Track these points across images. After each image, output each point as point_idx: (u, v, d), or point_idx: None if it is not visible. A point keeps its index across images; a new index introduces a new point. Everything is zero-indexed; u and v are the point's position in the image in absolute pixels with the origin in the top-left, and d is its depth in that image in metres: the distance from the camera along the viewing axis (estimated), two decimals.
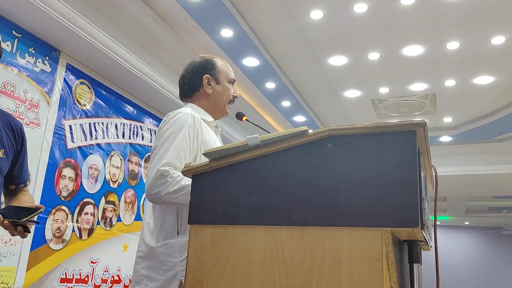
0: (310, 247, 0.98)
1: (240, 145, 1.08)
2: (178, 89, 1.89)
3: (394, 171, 0.95)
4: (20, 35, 3.19)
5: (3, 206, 1.63)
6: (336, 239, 0.96)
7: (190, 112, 1.65)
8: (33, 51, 3.28)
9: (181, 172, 1.17)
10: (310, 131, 1.05)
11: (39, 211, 1.49)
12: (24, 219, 1.45)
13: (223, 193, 1.09)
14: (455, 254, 12.79)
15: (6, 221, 1.44)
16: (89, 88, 3.83)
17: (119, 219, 4.06)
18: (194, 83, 1.81)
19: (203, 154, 1.16)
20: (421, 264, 1.13)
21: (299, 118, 6.03)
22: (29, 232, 1.51)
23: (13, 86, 3.08)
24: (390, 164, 0.96)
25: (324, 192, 0.99)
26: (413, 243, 1.11)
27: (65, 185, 3.50)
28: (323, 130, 1.03)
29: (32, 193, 3.15)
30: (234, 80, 1.88)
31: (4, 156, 1.56)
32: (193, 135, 1.61)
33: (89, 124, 3.79)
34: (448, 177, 7.06)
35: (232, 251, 1.04)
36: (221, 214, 1.07)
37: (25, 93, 3.18)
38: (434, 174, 1.30)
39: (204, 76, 1.80)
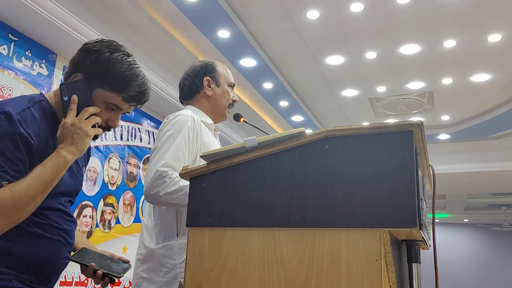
0: (309, 248, 0.98)
1: (237, 147, 1.08)
2: (178, 92, 1.89)
3: (392, 171, 0.95)
4: (17, 38, 3.19)
5: None
6: (334, 240, 0.96)
7: (190, 114, 1.66)
8: (29, 54, 3.27)
9: (179, 174, 1.17)
10: (309, 130, 1.06)
11: (130, 267, 1.38)
12: (121, 275, 1.33)
13: (221, 196, 1.09)
14: (454, 251, 12.81)
15: (100, 271, 1.31)
16: None
17: (117, 221, 4.05)
18: (194, 84, 1.82)
19: (200, 156, 1.17)
20: (419, 263, 1.13)
21: (297, 118, 6.04)
22: (113, 283, 1.37)
23: (10, 90, 3.08)
24: (387, 164, 0.96)
25: (322, 193, 1.00)
26: (411, 243, 1.11)
27: None
28: (320, 131, 1.03)
29: None
30: (234, 85, 1.89)
31: (81, 176, 1.46)
32: (192, 137, 1.61)
33: None
34: (447, 174, 7.07)
35: (231, 254, 1.04)
36: (219, 217, 1.07)
37: None
38: (432, 173, 1.31)
39: (205, 78, 1.81)
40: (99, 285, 1.33)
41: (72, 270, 3.46)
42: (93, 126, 1.24)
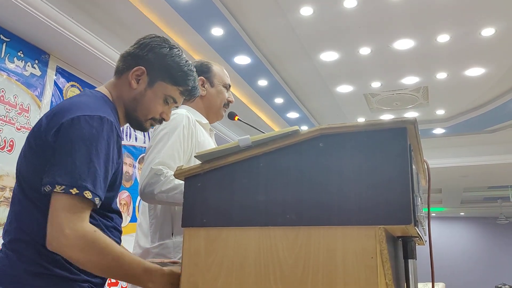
0: (305, 247, 0.97)
1: (231, 147, 1.08)
2: None
3: (386, 168, 0.95)
4: (8, 39, 3.16)
5: None
6: (330, 238, 0.96)
7: (185, 113, 1.65)
8: (22, 55, 3.25)
9: (174, 175, 1.16)
10: (305, 126, 1.05)
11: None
12: None
13: (216, 195, 1.09)
14: (451, 245, 12.88)
15: None
16: (80, 91, 3.81)
17: None
18: None
19: (194, 156, 1.16)
20: (415, 259, 1.13)
21: (292, 115, 6.04)
22: None
23: (2, 91, 3.06)
24: (381, 161, 0.96)
25: (317, 192, 0.99)
26: (407, 239, 1.11)
27: None
28: (314, 129, 1.02)
29: None
30: (230, 86, 1.88)
31: None
32: (187, 136, 1.61)
33: None
34: (442, 168, 7.10)
35: (227, 253, 1.03)
36: (214, 216, 1.07)
37: (15, 97, 3.15)
38: (426, 169, 1.31)
39: (199, 78, 1.81)
40: None
41: None
42: None
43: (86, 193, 1.03)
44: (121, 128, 1.31)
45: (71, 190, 1.02)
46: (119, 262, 1.07)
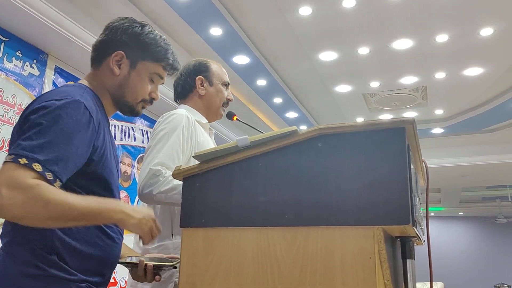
0: (303, 247, 0.97)
1: (230, 147, 1.08)
2: (172, 91, 1.89)
3: (384, 168, 0.95)
4: (7, 39, 3.16)
5: None
6: (328, 238, 0.96)
7: (184, 113, 1.65)
8: (20, 55, 3.24)
9: (172, 175, 1.16)
10: (304, 126, 1.05)
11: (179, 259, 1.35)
12: (174, 264, 1.26)
13: (215, 195, 1.09)
14: (450, 244, 12.89)
15: (150, 264, 1.26)
16: None
17: None
18: (187, 84, 1.82)
19: (193, 156, 1.16)
20: (414, 259, 1.13)
21: (291, 114, 6.04)
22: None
23: (1, 91, 3.05)
24: (380, 161, 0.96)
25: (315, 192, 0.99)
26: (405, 239, 1.11)
27: None
28: (313, 129, 1.02)
29: None
30: (229, 83, 1.88)
31: None
32: (187, 136, 1.61)
33: None
34: (441, 168, 7.11)
35: (225, 254, 1.03)
36: (213, 217, 1.07)
37: (14, 97, 3.15)
38: (425, 168, 1.31)
39: (197, 78, 1.81)
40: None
41: None
42: None
43: (35, 165, 0.97)
44: (109, 118, 1.30)
45: (19, 160, 0.97)
46: (76, 204, 1.01)
